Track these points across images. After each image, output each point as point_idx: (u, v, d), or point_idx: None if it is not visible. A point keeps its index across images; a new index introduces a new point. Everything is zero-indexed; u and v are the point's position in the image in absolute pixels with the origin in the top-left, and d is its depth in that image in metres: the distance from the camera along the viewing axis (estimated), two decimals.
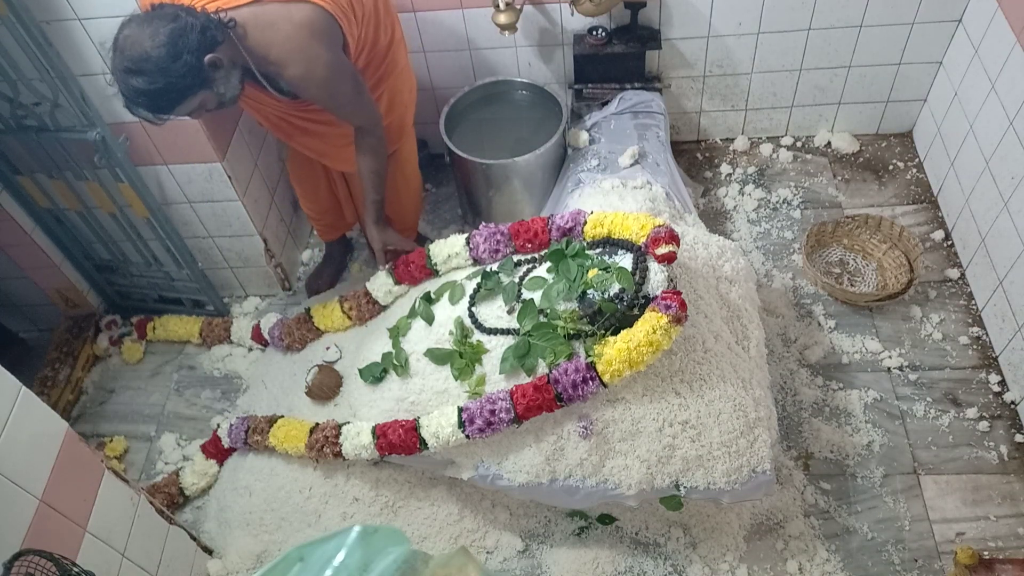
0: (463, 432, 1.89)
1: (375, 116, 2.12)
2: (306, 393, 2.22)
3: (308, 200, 2.69)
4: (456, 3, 2.68)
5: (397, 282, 2.25)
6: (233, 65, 1.87)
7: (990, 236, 2.48)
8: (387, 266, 2.29)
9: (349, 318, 2.33)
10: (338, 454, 2.06)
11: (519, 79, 2.81)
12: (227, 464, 2.40)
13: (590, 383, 1.80)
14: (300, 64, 1.87)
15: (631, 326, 1.80)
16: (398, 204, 2.63)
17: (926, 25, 2.70)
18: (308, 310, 2.42)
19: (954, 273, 2.67)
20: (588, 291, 1.84)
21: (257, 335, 2.61)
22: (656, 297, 1.82)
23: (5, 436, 1.53)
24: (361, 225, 2.77)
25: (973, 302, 2.59)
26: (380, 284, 2.27)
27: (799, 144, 3.13)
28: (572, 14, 2.63)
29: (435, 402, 1.99)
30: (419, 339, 2.06)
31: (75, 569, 1.46)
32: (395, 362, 2.06)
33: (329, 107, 2.03)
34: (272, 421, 2.24)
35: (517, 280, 1.99)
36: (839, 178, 3.01)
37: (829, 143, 3.11)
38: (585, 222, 2.01)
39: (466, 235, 2.15)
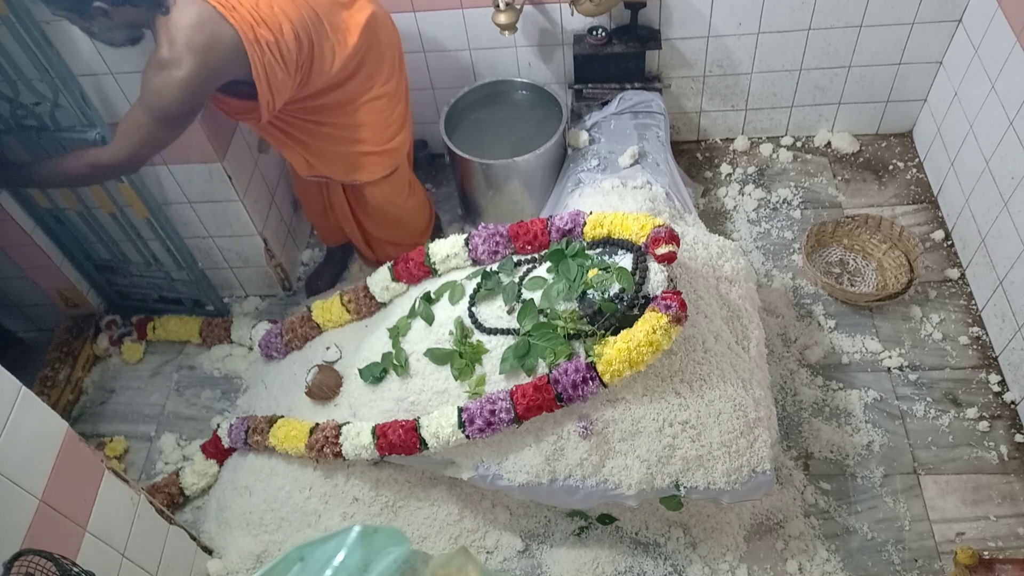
0: (463, 432, 1.89)
1: (130, 151, 1.95)
2: (306, 393, 2.22)
3: (307, 204, 2.70)
4: (456, 3, 2.68)
5: (395, 279, 2.25)
6: (131, 28, 1.88)
7: (990, 236, 2.48)
8: None
9: (348, 311, 2.33)
10: (338, 454, 2.06)
11: (519, 79, 2.81)
12: (227, 464, 2.40)
13: (590, 383, 1.80)
14: (160, 51, 1.82)
15: (631, 326, 1.80)
16: (410, 228, 2.64)
17: (926, 25, 2.70)
18: (309, 307, 2.43)
19: (954, 273, 2.67)
20: (588, 291, 1.84)
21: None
22: (656, 297, 1.82)
23: (5, 436, 1.53)
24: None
25: (973, 302, 2.59)
26: (379, 280, 2.28)
27: (799, 144, 3.13)
28: (572, 14, 2.63)
29: (435, 402, 1.99)
30: (419, 339, 2.06)
31: (75, 569, 1.46)
32: (395, 362, 2.06)
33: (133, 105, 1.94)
34: (272, 421, 2.24)
35: (517, 280, 1.99)
36: (839, 178, 3.01)
37: (829, 143, 3.11)
38: (584, 223, 2.01)
39: (465, 235, 2.15)
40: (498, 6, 2.52)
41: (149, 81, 1.86)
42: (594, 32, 2.69)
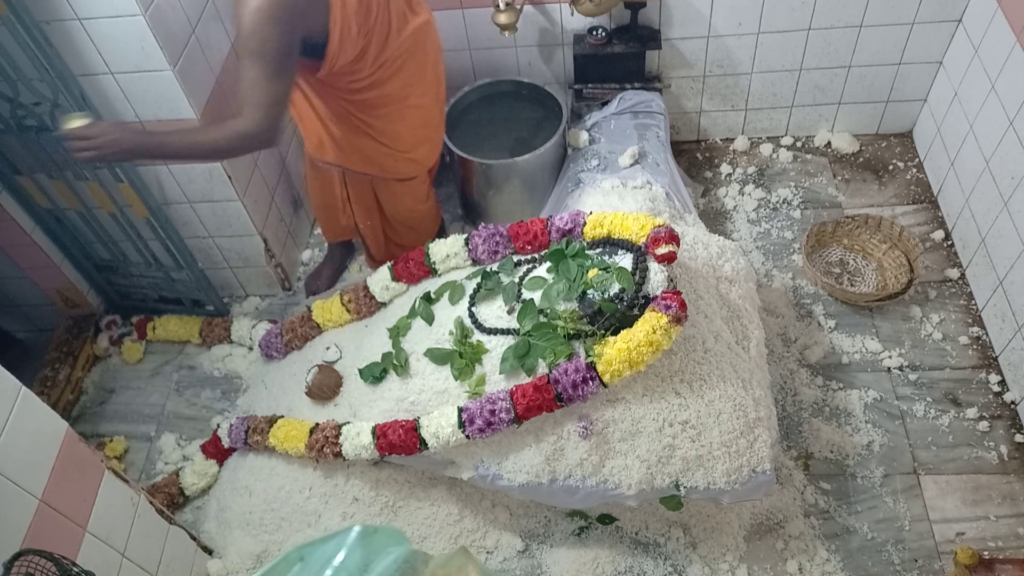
0: (463, 432, 1.89)
1: (262, 113, 1.87)
2: (306, 393, 2.22)
3: (321, 195, 2.68)
4: (456, 3, 2.68)
5: (395, 279, 2.25)
6: None
7: (990, 236, 2.48)
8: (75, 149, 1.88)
9: (348, 311, 2.33)
10: (338, 454, 2.06)
11: (519, 79, 2.81)
12: (227, 464, 2.40)
13: (590, 383, 1.80)
14: (244, 4, 1.80)
15: (631, 326, 1.80)
16: (417, 232, 2.65)
17: (926, 25, 2.70)
18: (309, 307, 2.43)
19: (954, 273, 2.67)
20: (588, 291, 1.84)
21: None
22: (656, 297, 1.82)
23: (5, 436, 1.53)
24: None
25: (973, 302, 2.59)
26: (379, 280, 2.28)
27: (799, 144, 3.13)
28: (572, 14, 2.63)
29: (435, 402, 1.99)
30: (419, 339, 2.06)
31: (75, 569, 1.46)
32: (395, 362, 2.06)
33: (240, 66, 1.88)
34: (272, 421, 2.24)
35: (517, 280, 1.99)
36: (839, 178, 3.01)
37: (829, 143, 3.11)
38: (584, 223, 2.01)
39: (465, 235, 2.15)
40: (498, 6, 2.52)
41: (241, 21, 1.81)
42: (594, 32, 2.69)
